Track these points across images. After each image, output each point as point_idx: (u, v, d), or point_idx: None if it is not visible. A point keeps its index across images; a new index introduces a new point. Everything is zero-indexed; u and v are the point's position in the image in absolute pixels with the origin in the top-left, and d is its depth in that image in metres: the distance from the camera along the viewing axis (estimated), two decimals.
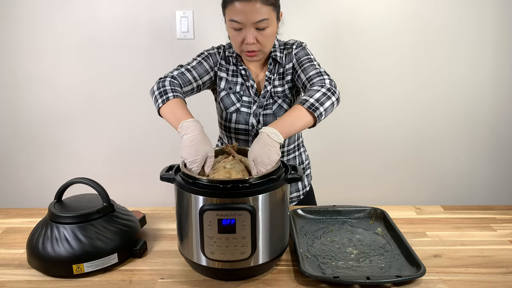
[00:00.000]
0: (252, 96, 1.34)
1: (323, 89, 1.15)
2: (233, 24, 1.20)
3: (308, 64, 1.27)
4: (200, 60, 1.34)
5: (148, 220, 1.27)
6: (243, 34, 1.21)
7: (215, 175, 1.00)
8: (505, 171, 2.26)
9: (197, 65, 1.33)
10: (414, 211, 1.36)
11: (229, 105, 1.35)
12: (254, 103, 1.34)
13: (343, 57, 2.11)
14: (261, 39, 1.21)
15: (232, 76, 1.36)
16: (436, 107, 2.17)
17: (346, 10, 2.05)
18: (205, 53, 1.36)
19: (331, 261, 1.04)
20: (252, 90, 1.34)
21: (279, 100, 1.34)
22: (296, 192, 1.48)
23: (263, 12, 1.17)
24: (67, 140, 2.21)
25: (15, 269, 1.04)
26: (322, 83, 1.19)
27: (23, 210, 1.40)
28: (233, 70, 1.36)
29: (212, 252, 0.93)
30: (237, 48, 1.26)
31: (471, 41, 2.08)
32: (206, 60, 1.35)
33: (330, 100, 1.14)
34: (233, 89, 1.35)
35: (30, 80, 2.13)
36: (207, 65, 1.34)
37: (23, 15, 2.05)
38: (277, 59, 1.33)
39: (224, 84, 1.36)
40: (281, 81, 1.34)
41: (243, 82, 1.35)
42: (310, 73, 1.25)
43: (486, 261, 1.05)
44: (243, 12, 1.17)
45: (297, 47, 1.33)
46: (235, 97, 1.35)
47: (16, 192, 2.27)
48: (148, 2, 2.04)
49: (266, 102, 1.34)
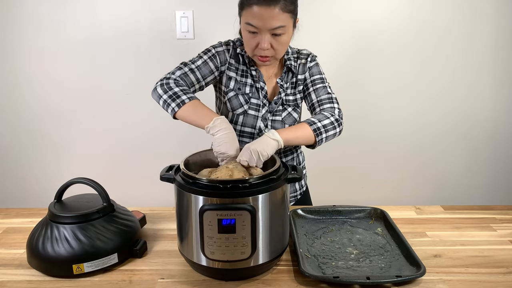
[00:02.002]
0: (261, 99, 1.31)
1: (332, 118, 1.23)
2: (248, 27, 1.17)
3: (321, 86, 1.31)
4: (206, 59, 1.28)
5: (148, 220, 1.27)
6: (257, 39, 1.17)
7: (217, 174, 1.01)
8: (505, 171, 2.26)
9: (202, 65, 1.27)
10: (414, 211, 1.36)
11: (237, 107, 1.31)
12: (263, 106, 1.31)
13: (342, 57, 2.11)
14: (276, 46, 1.18)
15: (241, 77, 1.31)
16: (436, 107, 2.17)
17: (348, 9, 2.05)
18: (213, 51, 1.29)
19: (331, 261, 1.04)
20: (261, 92, 1.30)
21: (289, 108, 1.33)
22: (293, 192, 1.48)
23: (281, 19, 1.14)
24: (67, 140, 2.21)
25: (15, 269, 1.04)
26: (332, 112, 1.26)
27: (23, 210, 1.40)
28: (243, 70, 1.31)
29: (212, 252, 0.93)
30: (250, 52, 1.23)
31: (471, 41, 2.09)
32: (213, 60, 1.28)
33: (334, 131, 1.23)
34: (242, 90, 1.30)
35: (31, 80, 2.13)
36: (212, 65, 1.28)
37: (24, 15, 2.05)
38: (291, 68, 1.32)
39: (233, 84, 1.30)
40: (293, 90, 1.33)
41: (253, 83, 1.31)
42: (322, 96, 1.29)
43: (486, 261, 1.05)
44: (261, 17, 1.13)
45: (311, 60, 1.33)
46: (243, 98, 1.31)
47: (16, 192, 2.27)
48: (148, 2, 2.04)
49: (277, 108, 1.32)
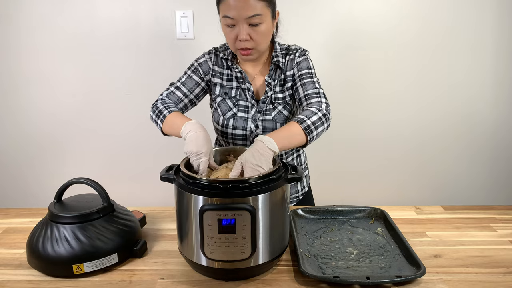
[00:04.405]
0: (249, 100, 1.31)
1: (320, 113, 1.17)
2: (226, 21, 1.20)
3: (308, 80, 1.27)
4: (189, 74, 1.34)
5: (148, 220, 1.27)
6: (236, 31, 1.20)
7: (217, 173, 1.01)
8: (505, 171, 2.26)
9: (186, 80, 1.33)
10: (414, 211, 1.36)
11: (226, 111, 1.32)
12: (252, 107, 1.31)
13: (342, 56, 2.11)
14: (255, 36, 1.20)
15: (227, 81, 1.33)
16: (436, 107, 2.17)
17: (346, 8, 2.05)
18: (195, 64, 1.35)
19: (331, 261, 1.04)
20: (248, 93, 1.31)
21: (279, 106, 1.32)
22: (295, 193, 1.48)
23: (256, 7, 1.16)
24: (67, 140, 2.21)
25: (15, 269, 1.04)
26: (320, 106, 1.20)
27: (23, 210, 1.40)
28: (227, 74, 1.33)
29: (212, 252, 0.93)
30: (232, 46, 1.25)
31: (471, 41, 2.09)
32: (196, 72, 1.34)
33: (323, 126, 1.17)
34: (229, 94, 1.32)
35: (30, 80, 2.13)
36: (196, 77, 1.33)
37: (22, 15, 2.05)
38: (279, 65, 1.31)
39: (219, 90, 1.33)
40: (282, 87, 1.32)
41: (238, 85, 1.32)
42: (309, 91, 1.25)
43: (486, 261, 1.05)
44: (235, 7, 1.16)
45: (300, 55, 1.31)
46: (231, 102, 1.32)
47: (16, 192, 2.27)
48: (148, 2, 2.04)
49: (266, 108, 1.31)
